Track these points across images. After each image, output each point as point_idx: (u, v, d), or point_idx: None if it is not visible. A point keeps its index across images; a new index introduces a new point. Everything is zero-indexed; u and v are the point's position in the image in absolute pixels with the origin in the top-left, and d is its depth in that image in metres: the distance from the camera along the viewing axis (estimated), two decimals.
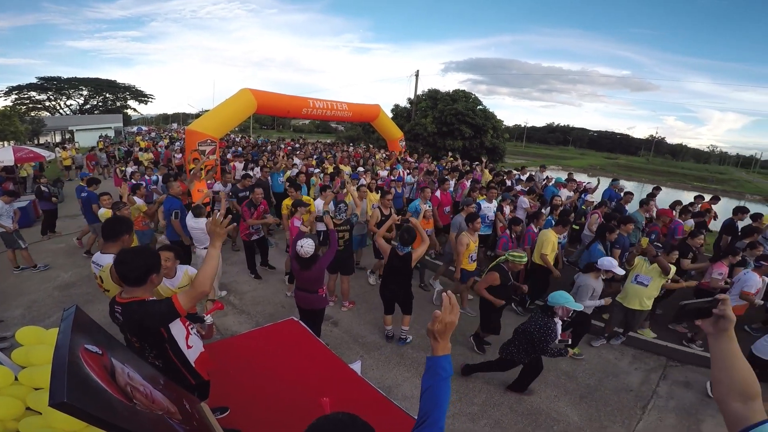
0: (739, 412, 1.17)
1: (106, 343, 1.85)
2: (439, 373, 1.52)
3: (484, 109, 26.43)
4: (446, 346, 1.54)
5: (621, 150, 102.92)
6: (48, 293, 6.40)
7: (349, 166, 12.27)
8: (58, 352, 1.45)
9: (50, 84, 58.71)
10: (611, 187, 9.89)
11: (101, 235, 3.43)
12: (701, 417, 4.40)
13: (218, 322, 5.61)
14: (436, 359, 1.54)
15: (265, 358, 3.82)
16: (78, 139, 35.39)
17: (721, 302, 1.27)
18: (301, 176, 8.77)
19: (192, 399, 2.37)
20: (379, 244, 5.07)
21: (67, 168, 18.34)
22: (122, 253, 2.33)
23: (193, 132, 10.99)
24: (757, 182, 54.28)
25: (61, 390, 1.27)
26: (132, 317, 2.22)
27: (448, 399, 1.53)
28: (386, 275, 5.07)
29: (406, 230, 4.82)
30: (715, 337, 1.28)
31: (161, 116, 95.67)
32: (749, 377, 1.20)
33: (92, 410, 1.32)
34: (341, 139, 33.90)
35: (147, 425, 1.60)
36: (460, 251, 5.69)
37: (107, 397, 1.49)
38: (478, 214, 6.04)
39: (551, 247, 5.99)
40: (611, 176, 39.66)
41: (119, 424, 1.40)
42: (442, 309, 1.51)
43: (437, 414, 1.45)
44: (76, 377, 1.40)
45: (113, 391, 1.55)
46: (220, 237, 2.40)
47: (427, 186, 7.68)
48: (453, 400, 4.33)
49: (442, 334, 1.52)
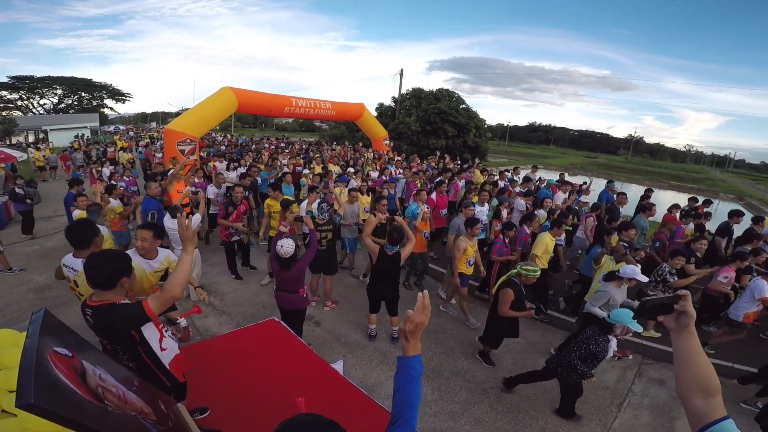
0: (700, 408, 1.19)
1: (77, 346, 1.85)
2: (410, 373, 1.52)
3: (467, 108, 26.65)
4: (417, 346, 1.55)
5: (601, 149, 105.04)
6: (22, 296, 6.25)
7: (338, 166, 12.17)
8: (26, 355, 1.46)
9: (22, 83, 57.26)
10: (607, 189, 9.67)
11: (69, 241, 3.24)
12: (674, 415, 4.48)
13: (198, 323, 5.55)
14: (407, 359, 1.54)
15: (246, 358, 3.78)
16: (52, 139, 34.56)
17: (681, 298, 1.28)
18: (288, 176, 8.61)
19: (168, 400, 2.35)
20: (366, 244, 5.03)
21: (40, 168, 17.88)
22: (91, 257, 2.29)
23: (172, 131, 10.82)
24: (731, 181, 55.72)
25: (28, 391, 1.28)
26: (101, 320, 2.20)
27: (419, 398, 1.54)
28: (375, 275, 5.06)
29: (395, 229, 4.82)
30: (677, 333, 1.30)
31: (140, 115, 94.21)
32: (710, 373, 1.22)
33: (61, 411, 1.34)
34: (325, 137, 33.71)
35: (118, 425, 1.61)
36: (456, 256, 5.61)
37: (77, 398, 1.50)
38: (478, 219, 5.91)
39: (543, 248, 5.89)
40: (592, 175, 40.38)
41: (89, 424, 1.42)
42: (415, 308, 1.51)
43: (409, 413, 1.46)
44: (44, 379, 1.41)
45: (83, 393, 1.55)
46: (190, 241, 2.37)
47: (423, 188, 7.59)
48: (434, 398, 4.37)
49: (412, 334, 1.52)
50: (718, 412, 1.16)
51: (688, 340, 1.27)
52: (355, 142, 20.11)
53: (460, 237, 5.77)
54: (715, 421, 1.15)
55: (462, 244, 5.63)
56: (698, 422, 1.18)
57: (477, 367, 5.00)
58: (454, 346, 5.39)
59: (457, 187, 9.71)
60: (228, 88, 12.16)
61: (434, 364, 4.97)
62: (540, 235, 6.04)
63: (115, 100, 67.36)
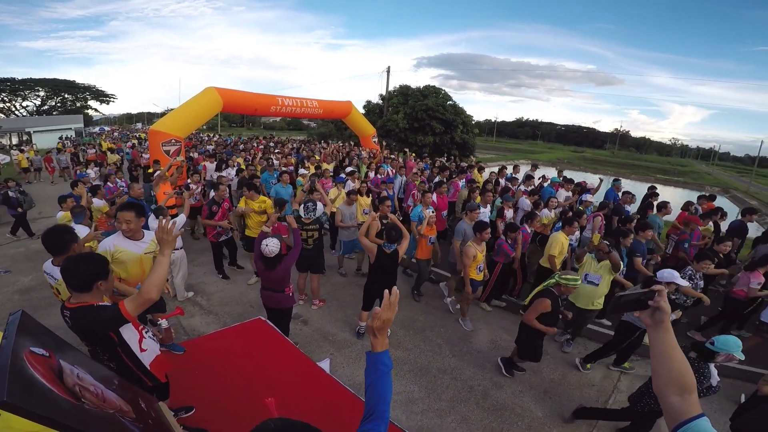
0: (676, 405, 1.21)
1: (54, 346, 1.89)
2: (380, 369, 1.57)
3: (454, 104, 26.78)
4: (384, 342, 1.60)
5: (588, 143, 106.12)
6: (7, 297, 6.23)
7: (332, 164, 11.96)
8: (1, 354, 1.51)
9: (3, 85, 56.73)
10: (613, 188, 9.30)
11: (45, 247, 3.16)
12: None
13: (185, 323, 5.52)
14: (377, 355, 1.59)
15: (232, 357, 3.79)
16: (36, 141, 34.07)
17: (657, 294, 1.30)
18: (284, 176, 8.34)
19: (149, 398, 2.39)
20: (364, 243, 5.03)
21: (25, 170, 17.65)
22: (68, 260, 2.30)
23: (156, 132, 10.71)
24: (716, 174, 56.65)
25: (2, 390, 1.34)
26: (79, 322, 2.22)
27: (391, 391, 1.58)
28: (373, 273, 5.08)
29: (392, 227, 4.84)
30: (653, 328, 1.31)
31: (125, 116, 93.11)
32: (685, 370, 1.23)
33: (35, 409, 1.39)
34: (313, 135, 33.62)
35: (96, 423, 1.65)
36: (466, 264, 5.38)
37: (53, 396, 1.55)
38: (486, 224, 5.62)
39: (560, 248, 5.66)
40: (579, 169, 40.77)
41: (65, 422, 1.47)
42: (382, 306, 1.56)
43: (382, 407, 1.51)
44: (19, 378, 1.46)
45: (59, 391, 1.60)
46: (168, 244, 2.38)
47: (427, 191, 7.43)
48: (421, 396, 4.39)
49: (380, 331, 1.57)
50: (693, 410, 1.18)
51: (663, 336, 1.28)
52: (344, 140, 20.07)
53: (468, 243, 5.52)
54: (690, 418, 1.16)
55: (471, 250, 5.40)
56: (674, 419, 1.20)
57: (464, 365, 5.01)
58: (442, 344, 5.41)
59: (458, 187, 9.40)
60: (213, 88, 12.05)
61: (422, 362, 4.99)
62: (553, 235, 5.84)
63: (99, 101, 66.80)
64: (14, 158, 18.38)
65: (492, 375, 4.85)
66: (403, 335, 5.54)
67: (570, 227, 5.84)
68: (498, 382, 4.72)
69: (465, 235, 5.90)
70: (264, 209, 6.54)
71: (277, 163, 11.64)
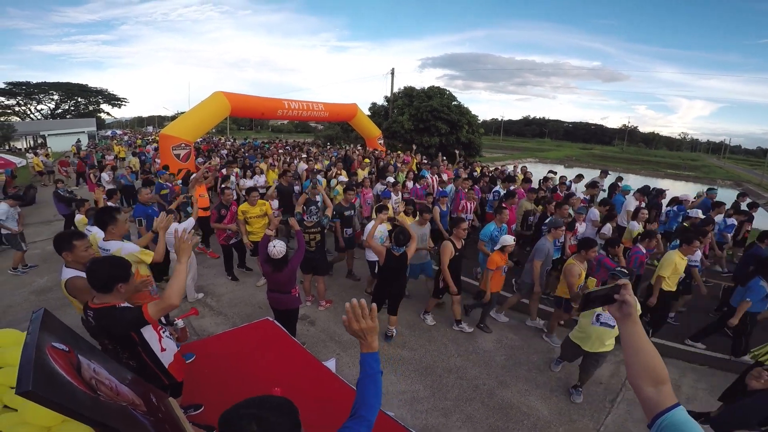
0: (652, 396, 1.23)
1: (73, 342, 2.01)
2: (365, 370, 1.58)
3: (458, 104, 26.68)
4: (370, 345, 1.59)
5: (596, 140, 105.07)
6: (24, 297, 6.43)
7: (366, 170, 11.42)
8: (26, 348, 1.62)
9: (19, 89, 57.94)
10: (707, 197, 8.52)
11: None
12: None
13: (196, 323, 5.65)
14: (362, 356, 1.60)
15: (240, 357, 3.88)
16: (51, 144, 34.66)
17: (622, 287, 1.33)
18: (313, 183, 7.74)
19: (160, 394, 2.48)
20: (372, 246, 5.14)
21: (40, 173, 18.06)
22: (92, 262, 2.50)
23: (167, 136, 10.91)
24: (728, 168, 55.83)
25: (27, 380, 1.42)
26: (101, 322, 2.37)
27: (376, 395, 1.56)
28: (383, 275, 5.17)
29: (401, 231, 4.91)
30: (622, 322, 1.35)
31: (136, 119, 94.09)
32: (657, 361, 1.26)
33: (55, 398, 1.47)
34: (319, 138, 33.75)
35: (109, 413, 1.74)
36: (572, 282, 4.92)
37: (71, 388, 1.64)
38: (594, 241, 5.11)
39: (672, 269, 5.07)
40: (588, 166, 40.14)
41: (82, 411, 1.56)
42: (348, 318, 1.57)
43: (364, 410, 1.49)
44: (42, 369, 1.55)
45: (78, 383, 1.70)
46: (185, 252, 2.56)
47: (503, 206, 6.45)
48: (426, 395, 4.45)
49: (359, 336, 1.59)
50: (668, 400, 1.21)
51: (632, 329, 1.31)
52: (350, 143, 20.09)
53: (573, 261, 5.01)
54: (666, 409, 1.19)
55: (575, 268, 4.89)
56: (651, 410, 1.23)
57: (470, 365, 5.05)
58: (448, 344, 5.46)
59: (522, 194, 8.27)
60: (220, 92, 12.22)
61: (427, 362, 5.05)
62: (668, 254, 5.29)
63: (111, 104, 67.94)
64: (29, 161, 18.82)
65: (498, 374, 4.89)
66: (409, 335, 5.61)
67: (689, 246, 5.16)
68: (504, 381, 4.75)
69: (548, 255, 5.54)
70: (264, 212, 6.61)
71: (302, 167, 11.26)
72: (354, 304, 1.57)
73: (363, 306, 1.57)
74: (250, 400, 1.19)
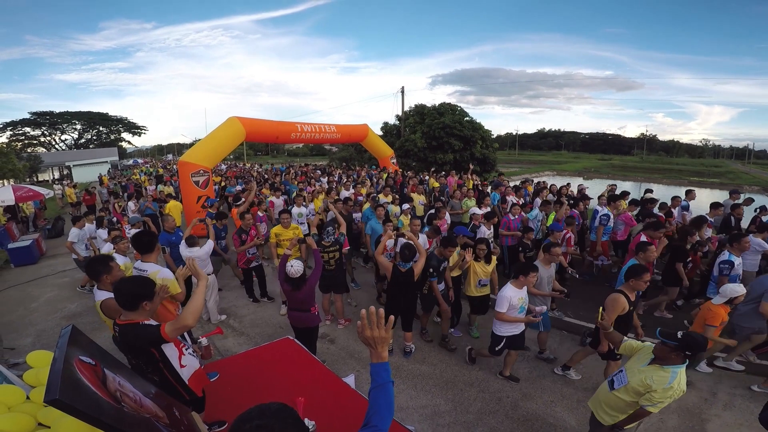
0: None
1: (100, 357, 2.15)
2: (375, 379, 1.59)
3: (471, 120, 26.66)
4: (380, 355, 1.61)
5: (614, 150, 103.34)
6: (56, 323, 6.72)
7: (422, 195, 10.85)
8: (55, 361, 1.74)
9: (43, 119, 59.28)
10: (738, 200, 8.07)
11: None
12: (705, 417, 4.28)
13: (219, 343, 5.76)
14: (372, 366, 1.62)
15: (262, 375, 3.96)
16: (75, 175, 35.60)
17: None
18: (379, 209, 7.35)
19: (183, 408, 2.59)
20: (380, 262, 5.24)
21: (72, 205, 18.41)
22: (119, 281, 2.72)
23: (185, 163, 11.23)
24: (753, 173, 54.30)
25: (54, 389, 1.53)
26: (125, 337, 2.55)
27: (387, 405, 1.57)
28: (391, 292, 5.23)
29: (406, 247, 4.96)
30: None
31: (156, 147, 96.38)
32: None
33: (81, 407, 1.57)
34: (334, 160, 34.11)
35: (132, 424, 1.83)
36: None
37: (96, 398, 1.75)
38: None
39: None
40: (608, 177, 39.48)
41: (106, 420, 1.65)
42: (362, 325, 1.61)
43: (376, 419, 1.50)
44: (69, 381, 1.67)
45: (103, 394, 1.81)
46: (204, 278, 2.82)
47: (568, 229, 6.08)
48: (448, 409, 4.41)
49: (370, 345, 1.61)
50: None
51: None
52: (363, 164, 20.16)
53: None
54: None
55: None
56: None
57: (492, 377, 4.99)
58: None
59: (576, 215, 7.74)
60: (235, 117, 12.55)
61: (447, 376, 5.02)
62: None
63: (132, 133, 69.26)
64: (57, 192, 19.38)
65: (521, 386, 4.82)
66: (429, 350, 5.60)
67: (738, 243, 5.12)
68: (528, 393, 4.68)
69: None
70: (297, 235, 6.54)
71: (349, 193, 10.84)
72: (371, 311, 1.62)
73: (381, 315, 1.61)
74: (247, 413, 1.19)
